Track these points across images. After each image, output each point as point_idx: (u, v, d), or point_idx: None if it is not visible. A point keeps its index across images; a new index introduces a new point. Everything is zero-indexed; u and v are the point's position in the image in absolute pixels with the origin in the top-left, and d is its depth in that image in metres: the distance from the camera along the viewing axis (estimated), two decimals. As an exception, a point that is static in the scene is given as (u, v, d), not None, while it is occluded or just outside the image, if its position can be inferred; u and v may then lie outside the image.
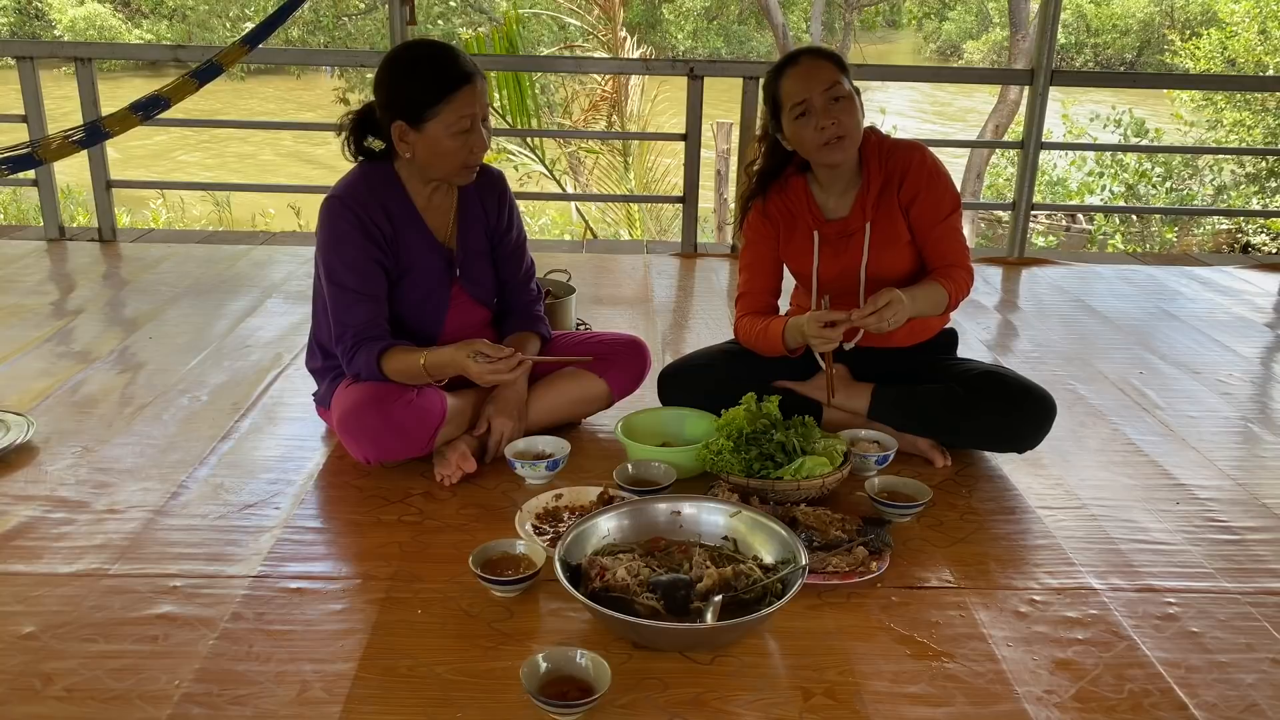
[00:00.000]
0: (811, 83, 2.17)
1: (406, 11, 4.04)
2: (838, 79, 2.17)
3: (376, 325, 2.15)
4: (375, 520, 2.06)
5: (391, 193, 2.19)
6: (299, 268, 4.02)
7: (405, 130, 2.09)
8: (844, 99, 2.16)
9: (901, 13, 22.80)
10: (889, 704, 1.53)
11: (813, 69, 2.18)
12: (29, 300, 3.53)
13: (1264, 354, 3.31)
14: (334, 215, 2.15)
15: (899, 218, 2.28)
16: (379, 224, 2.15)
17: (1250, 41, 10.62)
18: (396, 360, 2.12)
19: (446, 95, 2.04)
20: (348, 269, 2.14)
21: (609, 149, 7.91)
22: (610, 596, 1.65)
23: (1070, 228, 9.82)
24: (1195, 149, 9.64)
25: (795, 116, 2.19)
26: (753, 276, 2.43)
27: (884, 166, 2.27)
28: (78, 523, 2.02)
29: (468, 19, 17.76)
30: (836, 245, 2.33)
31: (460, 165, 2.13)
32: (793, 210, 2.36)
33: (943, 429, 2.31)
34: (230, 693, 1.53)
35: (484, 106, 2.11)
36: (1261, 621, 1.77)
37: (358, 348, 2.13)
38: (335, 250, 2.15)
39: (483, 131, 2.12)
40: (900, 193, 2.27)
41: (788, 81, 2.20)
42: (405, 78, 2.08)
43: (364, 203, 2.15)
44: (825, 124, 2.15)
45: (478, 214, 2.32)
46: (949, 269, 2.27)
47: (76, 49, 4.85)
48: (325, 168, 14.01)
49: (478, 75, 2.09)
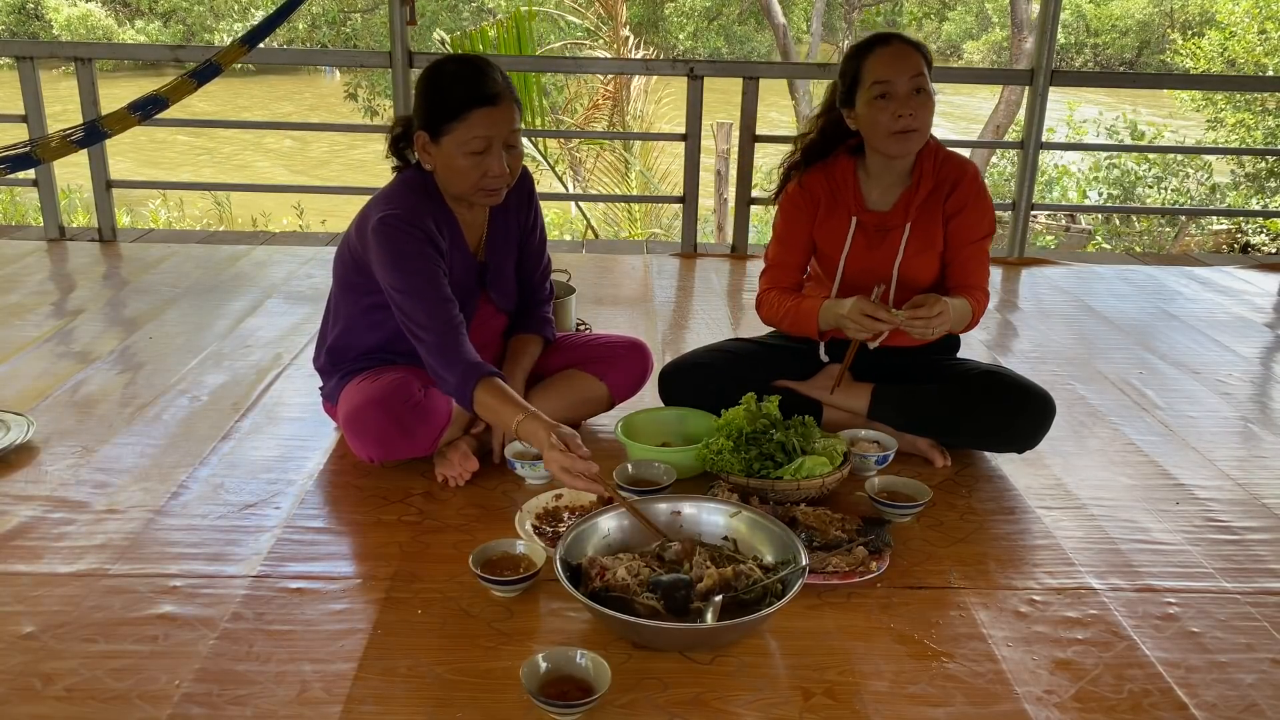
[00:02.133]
0: (900, 67, 2.14)
1: (407, 11, 4.04)
2: (924, 71, 2.16)
3: (456, 322, 2.05)
4: (375, 520, 2.06)
5: (435, 203, 2.16)
6: (299, 268, 4.02)
7: (426, 142, 2.08)
8: (925, 93, 2.16)
9: (902, 13, 22.79)
10: (889, 704, 1.53)
11: (904, 54, 2.16)
12: (29, 300, 3.53)
13: (1264, 354, 3.31)
14: (398, 233, 2.06)
15: (939, 225, 2.27)
16: (437, 237, 2.11)
17: (1250, 42, 10.62)
18: (493, 398, 1.98)
19: (462, 113, 2.01)
20: (416, 275, 2.05)
21: (612, 149, 7.90)
22: (610, 596, 1.65)
23: (1070, 228, 9.82)
24: (1195, 149, 9.63)
25: (875, 96, 2.15)
26: (784, 250, 2.40)
27: (937, 172, 2.27)
28: (78, 523, 2.02)
29: (456, 17, 17.71)
30: (872, 237, 2.31)
31: (473, 187, 2.07)
32: (835, 190, 2.33)
33: (942, 429, 2.31)
34: (230, 693, 1.53)
35: (509, 131, 2.04)
36: (1261, 621, 1.77)
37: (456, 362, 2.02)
38: (399, 268, 2.06)
39: (503, 156, 2.04)
40: (947, 202, 2.26)
41: (875, 60, 2.17)
42: (430, 89, 2.06)
43: (421, 217, 2.09)
44: (904, 112, 2.13)
45: (510, 225, 2.30)
46: (970, 290, 2.26)
47: (76, 49, 4.84)
48: (326, 168, 14.02)
49: (504, 98, 2.03)
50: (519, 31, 6.63)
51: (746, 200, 4.48)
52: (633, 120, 8.07)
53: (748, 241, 4.50)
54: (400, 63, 4.16)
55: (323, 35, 18.10)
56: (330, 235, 4.76)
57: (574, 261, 4.17)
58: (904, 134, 2.15)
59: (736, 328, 3.38)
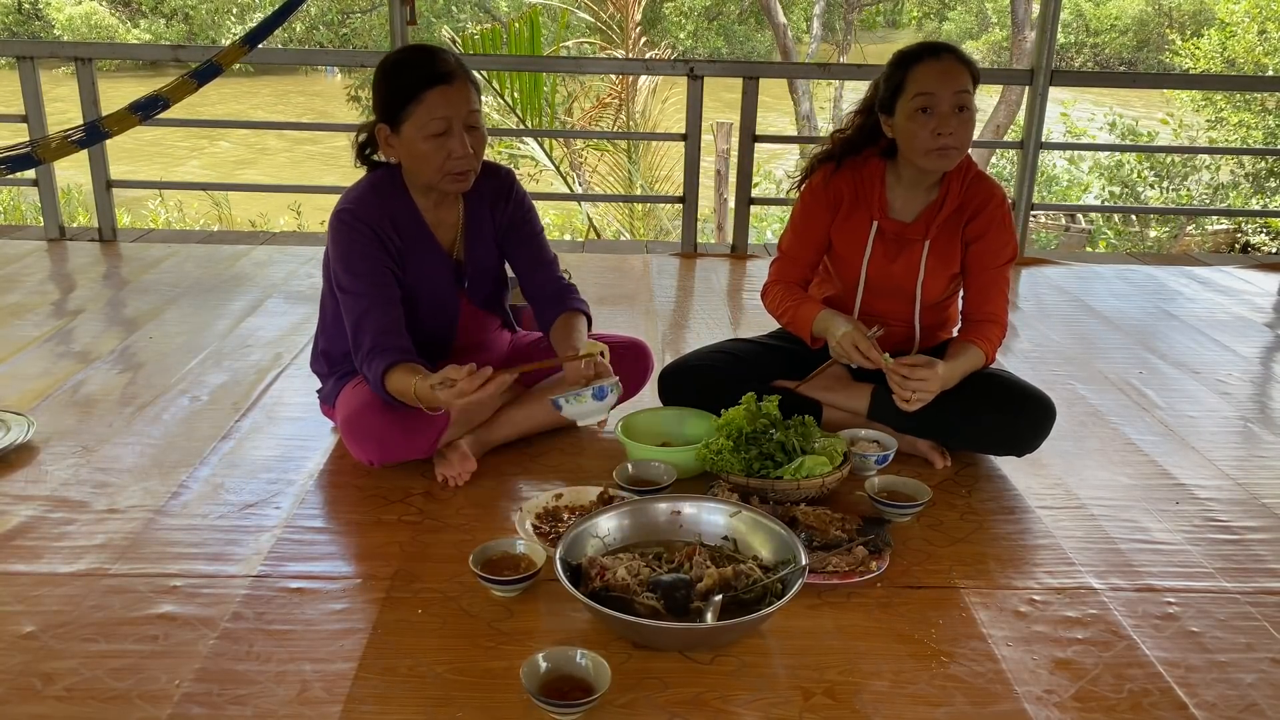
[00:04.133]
0: (947, 81, 2.11)
1: (407, 11, 4.04)
2: (969, 89, 2.12)
3: (391, 333, 2.07)
4: (375, 520, 2.06)
5: (399, 203, 2.15)
6: (299, 268, 4.03)
7: (388, 134, 2.07)
8: (968, 111, 2.13)
9: (902, 13, 22.81)
10: (889, 704, 1.53)
11: (952, 70, 2.11)
12: (29, 300, 3.53)
13: (1264, 354, 3.31)
14: (345, 227, 2.10)
15: (957, 247, 2.26)
16: (388, 236, 2.12)
17: (1250, 42, 10.62)
18: (397, 380, 2.02)
19: (417, 95, 2.00)
20: (359, 278, 2.09)
21: (615, 149, 7.90)
22: (610, 596, 1.66)
23: (1070, 228, 9.82)
24: (1195, 149, 9.64)
25: (917, 109, 2.12)
26: (798, 243, 2.38)
27: (963, 192, 2.25)
28: (78, 523, 2.02)
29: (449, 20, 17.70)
30: (890, 246, 2.30)
31: (439, 171, 2.05)
32: (860, 191, 2.30)
33: (942, 431, 2.31)
34: (230, 692, 1.53)
35: (467, 111, 2.03)
36: (1261, 621, 1.77)
37: (371, 357, 2.05)
38: (346, 262, 2.10)
39: (464, 138, 2.03)
40: (968, 226, 2.24)
41: (922, 71, 2.13)
42: (383, 80, 2.06)
43: (374, 214, 2.11)
44: (944, 130, 2.10)
45: (486, 223, 2.27)
46: (985, 325, 2.24)
47: (77, 49, 4.85)
48: (325, 166, 14.02)
49: (457, 77, 2.02)
50: (533, 30, 6.59)
51: (746, 200, 4.48)
52: (640, 120, 8.05)
53: (748, 241, 4.50)
54: (400, 63, 4.15)
55: (321, 36, 18.10)
56: (330, 235, 4.76)
57: (574, 261, 4.17)
58: (942, 151, 2.13)
59: (736, 328, 3.38)
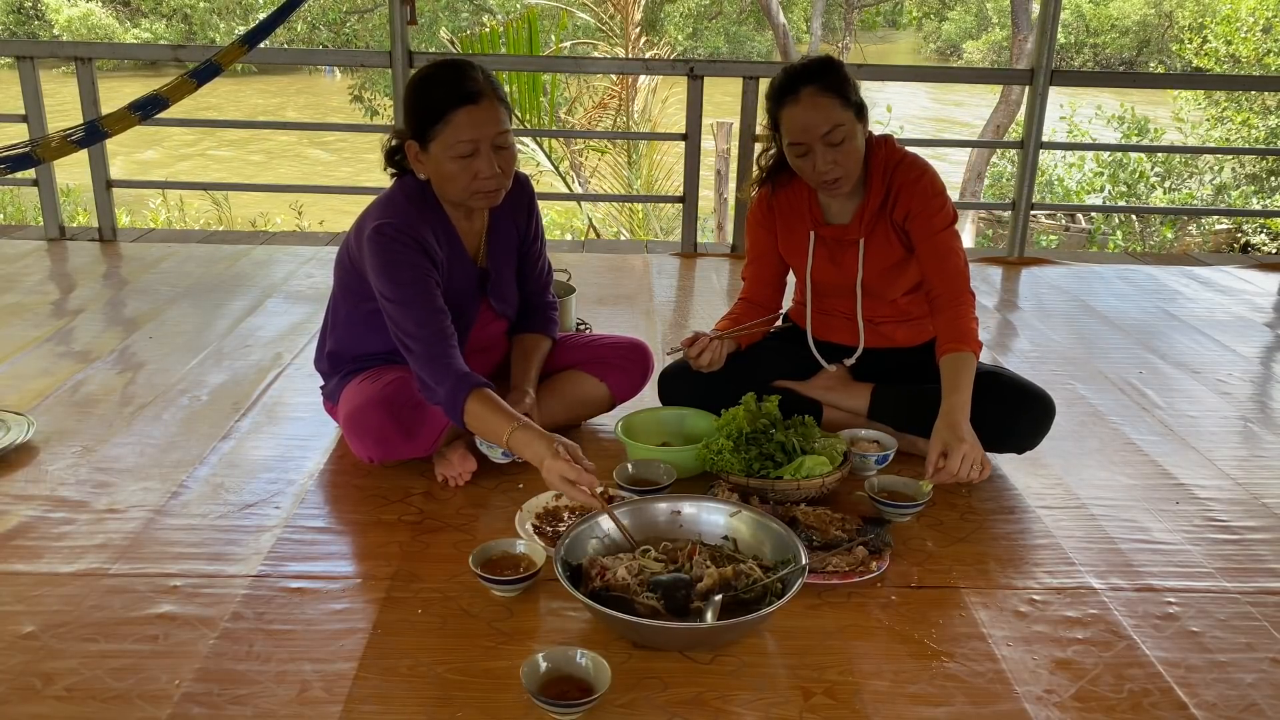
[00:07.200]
0: (810, 126, 2.09)
1: (407, 11, 4.04)
2: (838, 120, 2.08)
3: (447, 333, 2.03)
4: (375, 520, 2.06)
5: (435, 215, 2.14)
6: (299, 267, 4.02)
7: (417, 151, 2.06)
8: (844, 141, 2.10)
9: (902, 13, 22.84)
10: (889, 704, 1.53)
11: (812, 110, 2.08)
12: (29, 300, 3.53)
13: (1264, 354, 3.31)
14: (388, 241, 2.04)
15: (893, 235, 2.26)
16: (433, 249, 2.09)
17: (1255, 41, 10.62)
18: (482, 410, 1.95)
19: (445, 115, 1.98)
20: (403, 287, 2.03)
21: (617, 149, 7.90)
22: (610, 596, 1.66)
23: (1070, 228, 9.82)
24: (1196, 149, 9.64)
25: (796, 156, 2.15)
26: (752, 265, 2.46)
27: (885, 182, 2.24)
28: (78, 522, 2.02)
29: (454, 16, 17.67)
30: (833, 250, 2.32)
31: (466, 191, 2.04)
32: (794, 206, 2.34)
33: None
34: (230, 692, 1.53)
35: (496, 132, 2.01)
36: (1261, 621, 1.78)
37: (442, 365, 1.99)
38: (391, 274, 2.04)
39: (492, 158, 2.01)
40: (894, 211, 2.24)
41: (787, 117, 2.13)
42: (414, 97, 2.04)
43: (417, 228, 2.07)
44: (824, 167, 2.11)
45: (509, 231, 2.29)
46: (953, 310, 2.18)
47: (76, 49, 4.84)
48: (326, 169, 14.02)
49: (485, 96, 1.99)
50: (531, 31, 6.59)
51: (747, 200, 4.47)
52: (640, 119, 8.05)
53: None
54: (400, 63, 4.16)
55: (322, 37, 18.10)
56: (330, 235, 4.76)
57: (574, 261, 4.17)
58: (831, 184, 2.15)
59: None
